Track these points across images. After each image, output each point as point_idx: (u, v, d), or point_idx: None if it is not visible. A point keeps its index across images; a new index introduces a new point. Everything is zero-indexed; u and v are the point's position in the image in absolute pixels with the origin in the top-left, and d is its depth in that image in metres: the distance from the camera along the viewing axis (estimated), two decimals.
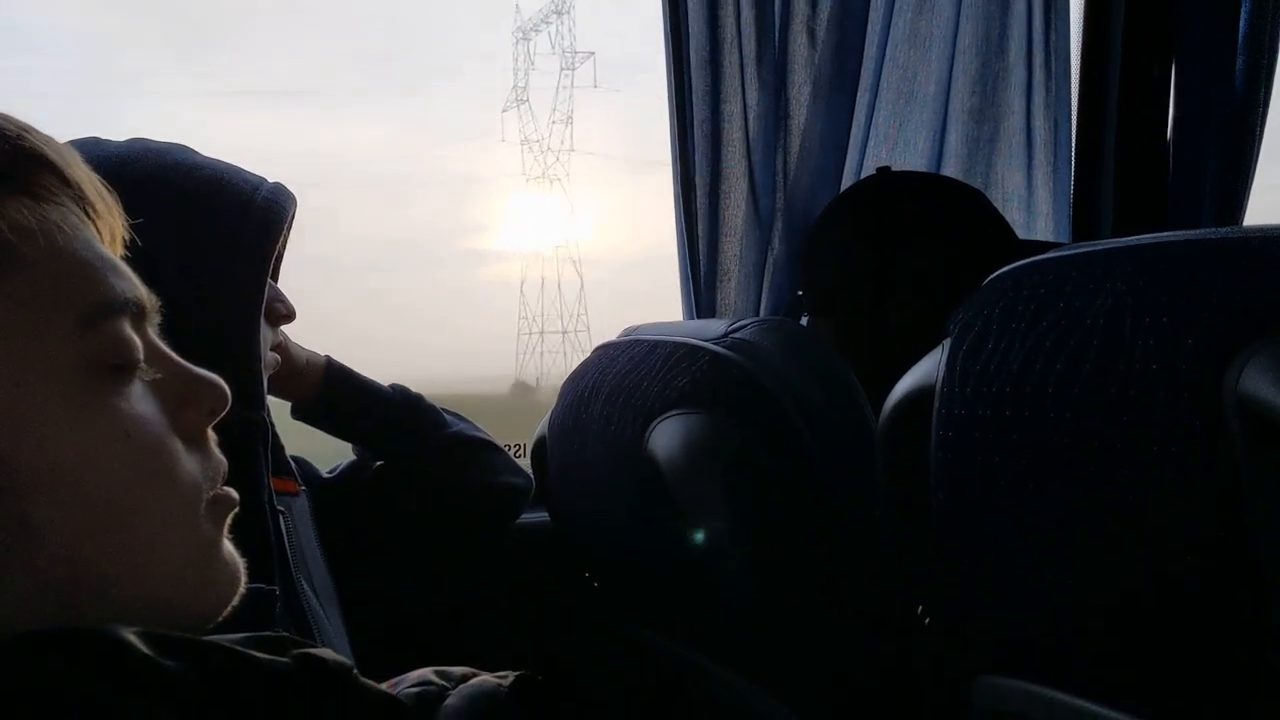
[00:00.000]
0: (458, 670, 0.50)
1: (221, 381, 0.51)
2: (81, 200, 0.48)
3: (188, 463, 0.49)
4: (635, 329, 1.27)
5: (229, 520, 0.52)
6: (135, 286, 0.49)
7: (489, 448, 1.35)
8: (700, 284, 1.60)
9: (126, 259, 0.50)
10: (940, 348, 0.84)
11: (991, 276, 0.83)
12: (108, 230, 0.50)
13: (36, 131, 0.47)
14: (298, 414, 1.27)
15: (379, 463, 1.34)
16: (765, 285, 1.61)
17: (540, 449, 1.34)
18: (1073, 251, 0.77)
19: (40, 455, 0.43)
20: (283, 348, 1.16)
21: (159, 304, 0.51)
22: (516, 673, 0.48)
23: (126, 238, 0.52)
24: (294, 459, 1.22)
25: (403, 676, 0.49)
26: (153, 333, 0.50)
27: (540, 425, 1.34)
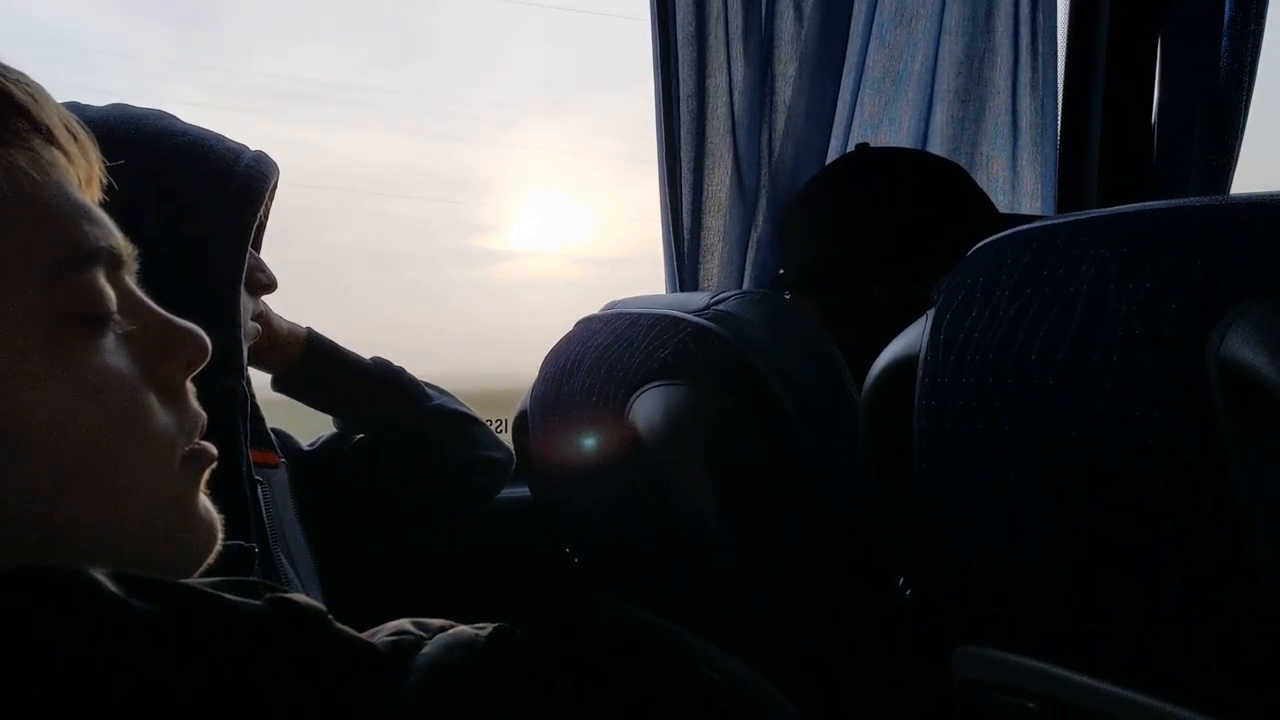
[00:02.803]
0: (435, 621, 0.49)
1: (200, 331, 0.50)
2: (52, 143, 0.46)
3: (162, 417, 0.48)
4: (617, 303, 1.27)
5: (206, 475, 0.51)
6: (110, 234, 0.47)
7: (470, 421, 1.35)
8: (684, 259, 1.60)
9: (104, 204, 0.49)
10: (924, 317, 0.84)
11: (977, 246, 0.82)
12: (82, 174, 0.48)
13: (5, 68, 0.46)
14: (278, 386, 1.26)
15: (360, 436, 1.33)
16: (749, 261, 1.60)
17: (522, 422, 1.33)
18: (1058, 221, 0.77)
19: (5, 411, 0.41)
20: (264, 318, 1.15)
21: (136, 252, 0.50)
22: (495, 624, 0.48)
23: (104, 181, 0.51)
24: (274, 431, 1.21)
25: (379, 627, 0.49)
26: (130, 282, 0.49)
27: (522, 399, 1.34)
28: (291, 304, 1.18)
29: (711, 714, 1.08)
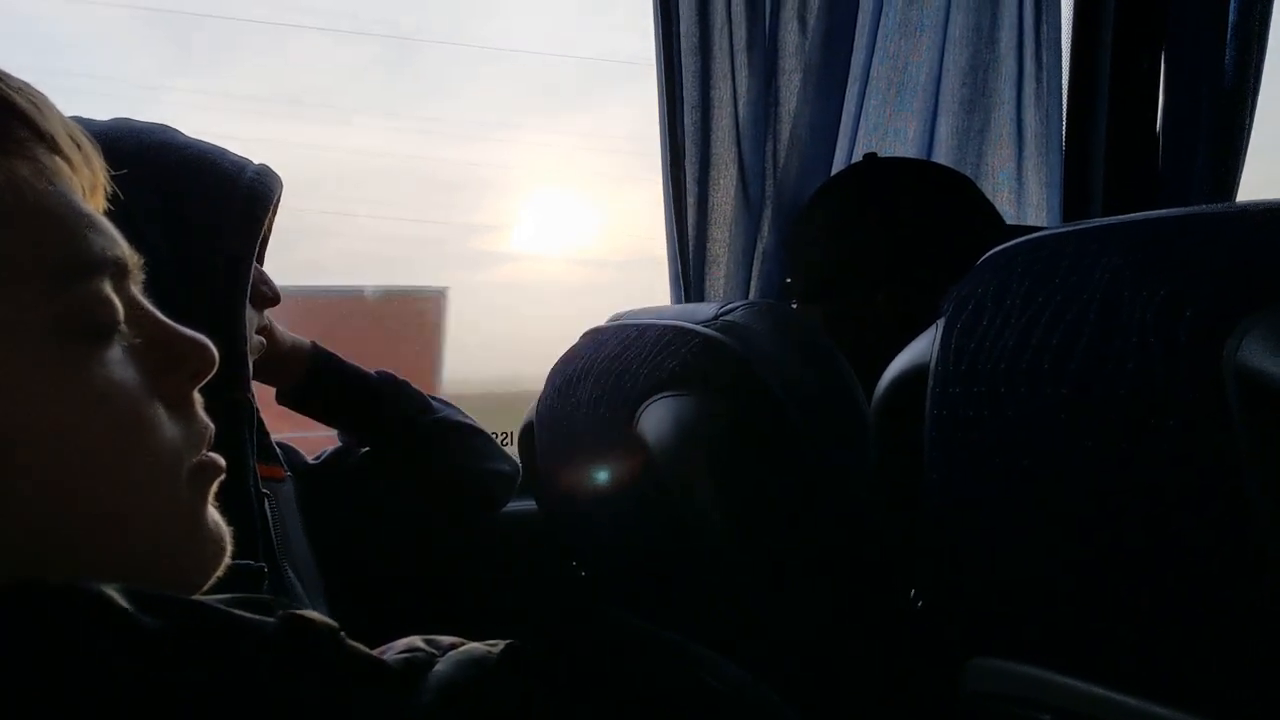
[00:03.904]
0: (446, 639, 0.49)
1: (207, 341, 0.50)
2: (56, 152, 0.46)
3: (168, 429, 0.47)
4: (624, 314, 1.26)
5: (214, 488, 0.50)
6: (115, 244, 0.47)
7: (476, 434, 1.34)
8: (689, 271, 1.59)
9: (107, 216, 0.48)
10: (935, 326, 0.83)
11: (987, 254, 0.82)
12: (86, 183, 0.48)
13: (8, 77, 0.45)
14: (283, 399, 1.26)
15: (364, 449, 1.32)
16: (754, 273, 1.60)
17: (528, 434, 1.33)
18: (1068, 229, 0.77)
19: (10, 423, 0.41)
20: (268, 331, 1.15)
21: (142, 262, 0.49)
22: (506, 641, 0.47)
23: (108, 190, 0.50)
24: (279, 445, 1.21)
25: (390, 644, 0.48)
26: (136, 291, 0.49)
27: (528, 411, 1.33)
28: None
29: None
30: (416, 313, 2.40)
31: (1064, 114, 1.82)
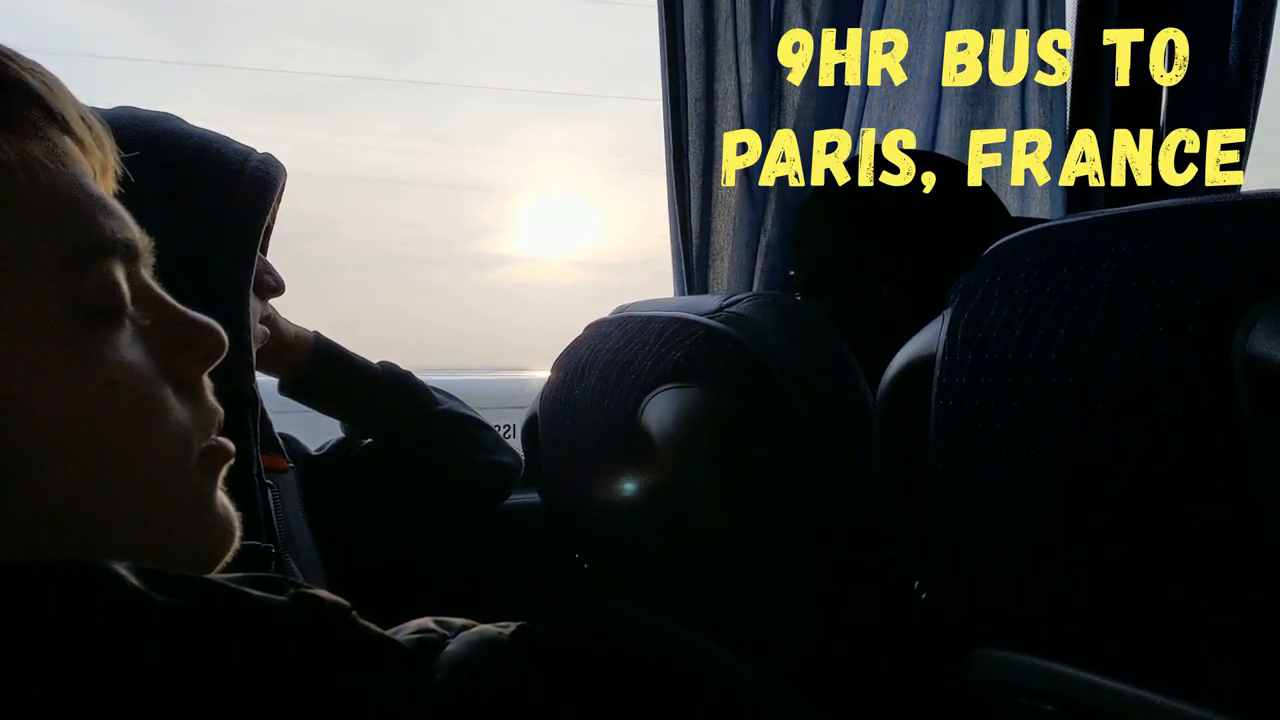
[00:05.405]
0: (457, 621, 0.49)
1: (217, 325, 0.50)
2: (67, 133, 0.46)
3: (179, 412, 0.47)
4: (627, 306, 1.26)
5: (224, 472, 0.50)
6: (126, 226, 0.46)
7: (478, 426, 1.34)
8: (692, 264, 1.59)
9: (116, 197, 0.48)
10: (941, 317, 0.83)
11: (994, 244, 0.82)
12: (97, 165, 0.48)
13: (21, 58, 0.45)
14: (285, 390, 1.26)
15: (367, 440, 1.32)
16: (758, 266, 1.60)
17: (531, 426, 1.32)
18: (1075, 219, 0.77)
19: (19, 406, 0.41)
20: (271, 321, 1.15)
21: (152, 244, 0.49)
22: (517, 623, 0.47)
23: (119, 173, 0.50)
24: (282, 436, 1.20)
25: (401, 625, 0.48)
26: (146, 274, 0.48)
27: (532, 403, 1.33)
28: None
29: (723, 718, 1.07)
30: None
31: (1068, 107, 1.82)
